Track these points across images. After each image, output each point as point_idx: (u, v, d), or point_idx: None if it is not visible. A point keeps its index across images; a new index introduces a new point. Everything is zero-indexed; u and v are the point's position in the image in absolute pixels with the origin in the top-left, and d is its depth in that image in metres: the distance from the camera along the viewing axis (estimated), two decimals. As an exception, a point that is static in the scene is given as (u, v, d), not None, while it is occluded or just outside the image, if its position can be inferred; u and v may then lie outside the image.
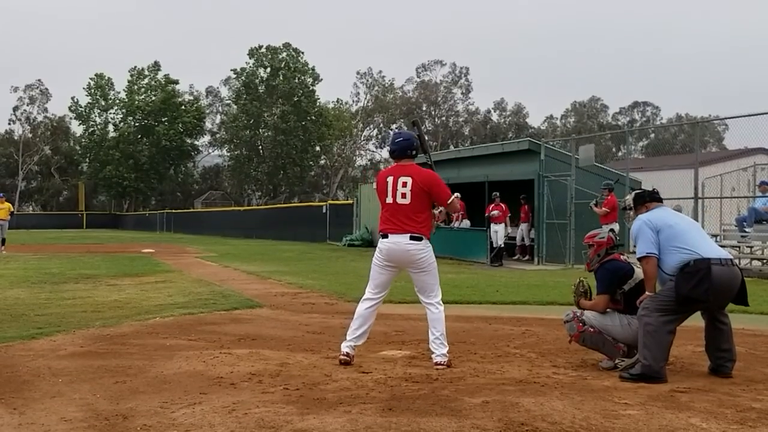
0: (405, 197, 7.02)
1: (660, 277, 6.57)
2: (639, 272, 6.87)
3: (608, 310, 6.95)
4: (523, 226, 24.45)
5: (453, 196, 7.16)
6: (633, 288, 6.87)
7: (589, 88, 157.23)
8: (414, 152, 7.29)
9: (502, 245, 22.55)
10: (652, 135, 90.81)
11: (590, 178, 20.98)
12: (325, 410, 5.35)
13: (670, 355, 6.64)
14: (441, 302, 7.17)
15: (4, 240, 27.46)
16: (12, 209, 28.55)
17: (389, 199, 7.12)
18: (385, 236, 7.17)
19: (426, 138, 8.29)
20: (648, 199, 7.00)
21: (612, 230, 7.38)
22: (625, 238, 11.42)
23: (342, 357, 7.05)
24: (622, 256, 7.28)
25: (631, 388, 6.11)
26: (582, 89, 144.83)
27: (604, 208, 18.31)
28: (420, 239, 7.03)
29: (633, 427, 4.94)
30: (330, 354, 7.48)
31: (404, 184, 7.04)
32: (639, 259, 6.62)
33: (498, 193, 22.87)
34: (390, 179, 7.14)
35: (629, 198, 7.20)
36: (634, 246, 6.80)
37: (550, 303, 12.26)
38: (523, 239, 24.47)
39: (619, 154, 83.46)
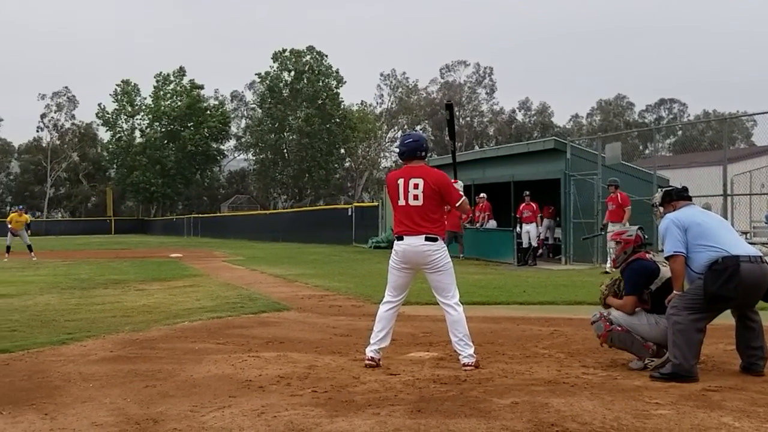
0: (417, 199, 7.01)
1: (688, 275, 6.51)
2: (665, 271, 6.84)
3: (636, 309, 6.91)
4: (546, 223, 24.35)
5: (462, 199, 7.15)
6: (660, 287, 6.82)
7: (614, 85, 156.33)
8: (423, 153, 7.26)
9: (535, 245, 22.46)
10: (680, 132, 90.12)
11: (617, 177, 20.81)
12: (354, 412, 5.35)
13: (700, 353, 6.58)
14: (459, 303, 7.13)
15: (30, 246, 27.92)
16: (29, 220, 29.25)
17: (401, 201, 7.11)
18: (400, 238, 7.17)
19: (455, 124, 8.24)
20: (676, 197, 6.95)
21: (641, 228, 7.30)
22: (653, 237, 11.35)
23: (368, 362, 7.05)
24: (647, 255, 7.21)
25: (662, 387, 6.06)
26: (607, 87, 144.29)
27: (611, 204, 18.37)
28: (435, 240, 7.01)
29: (665, 427, 4.90)
30: (358, 356, 7.48)
31: (416, 186, 7.02)
32: (667, 258, 6.57)
33: (529, 192, 22.77)
34: (401, 181, 7.12)
35: (657, 196, 7.16)
36: (663, 245, 6.74)
37: (578, 303, 12.18)
38: (541, 235, 24.33)
39: (646, 152, 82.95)
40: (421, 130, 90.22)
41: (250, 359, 7.44)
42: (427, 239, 6.98)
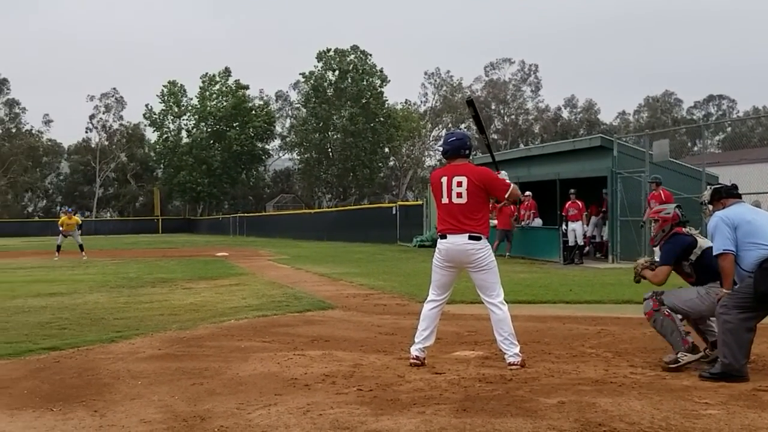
0: (461, 197, 6.97)
1: (738, 273, 6.41)
2: (702, 242, 6.90)
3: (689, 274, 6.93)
4: (593, 221, 24.14)
5: (511, 187, 7.08)
6: (700, 257, 6.85)
7: (662, 82, 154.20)
8: (467, 152, 7.23)
9: (582, 243, 22.27)
10: (729, 129, 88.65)
11: (665, 174, 20.54)
12: (399, 411, 5.35)
13: (750, 353, 6.47)
14: (504, 302, 7.10)
15: (81, 246, 28.40)
16: (80, 222, 29.67)
17: (445, 200, 7.08)
18: (443, 236, 7.14)
19: (482, 118, 8.17)
20: (725, 194, 6.86)
21: (679, 206, 7.26)
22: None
23: (413, 360, 7.04)
24: (683, 229, 7.16)
25: (711, 387, 5.98)
26: (655, 83, 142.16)
27: (653, 202, 18.12)
28: (479, 238, 6.97)
29: (714, 427, 4.83)
30: (402, 355, 7.48)
31: (459, 184, 6.98)
32: (716, 256, 6.48)
33: (574, 191, 22.58)
34: (444, 179, 7.09)
35: (706, 194, 7.06)
36: (712, 243, 6.65)
37: (625, 302, 12.04)
38: (587, 233, 24.16)
39: (695, 149, 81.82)
40: (465, 128, 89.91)
41: (295, 357, 7.47)
42: (470, 238, 6.95)
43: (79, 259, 26.64)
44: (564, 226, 22.68)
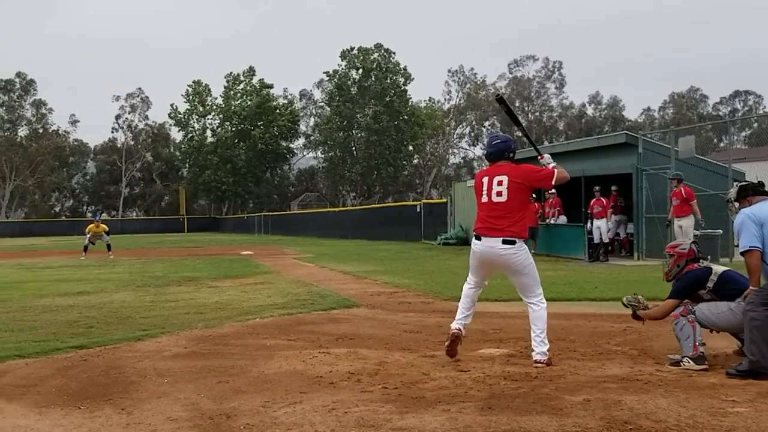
0: (501, 195, 6.95)
1: (765, 270, 6.36)
2: (717, 268, 6.94)
3: (709, 300, 6.87)
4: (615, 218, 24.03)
5: (556, 172, 7.05)
6: (718, 281, 6.86)
7: (687, 78, 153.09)
8: (511, 154, 7.20)
9: (606, 241, 22.15)
10: (755, 124, 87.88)
11: (691, 171, 20.38)
12: (424, 409, 5.34)
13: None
14: (543, 299, 7.08)
15: (109, 245, 28.66)
16: (107, 229, 29.88)
17: (484, 198, 7.07)
18: (478, 238, 7.11)
19: (513, 110, 8.15)
20: (751, 192, 6.81)
21: (695, 242, 7.29)
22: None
23: (454, 331, 7.12)
24: (696, 264, 7.16)
25: (738, 384, 5.93)
26: (680, 80, 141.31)
27: (675, 199, 17.96)
28: (513, 242, 6.93)
29: (741, 425, 4.79)
30: (427, 353, 7.49)
31: (500, 183, 6.97)
32: (742, 253, 6.43)
33: (599, 188, 22.46)
34: (485, 179, 7.10)
35: (733, 191, 7.02)
36: (737, 240, 6.61)
37: (651, 299, 11.92)
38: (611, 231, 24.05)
39: (721, 145, 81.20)
40: (489, 126, 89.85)
41: (320, 355, 7.48)
42: (504, 242, 6.91)
43: (106, 258, 26.88)
44: (589, 224, 22.56)
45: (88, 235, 29.03)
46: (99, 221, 30.48)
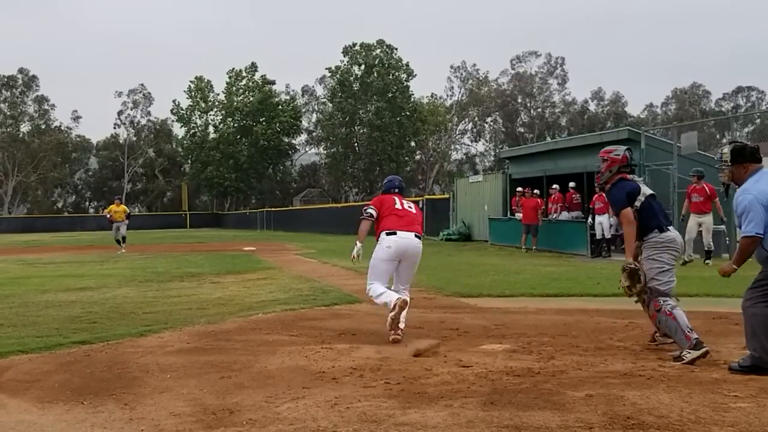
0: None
1: (759, 254, 6.27)
2: (645, 189, 7.24)
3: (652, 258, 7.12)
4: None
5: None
6: (643, 203, 7.18)
7: (690, 74, 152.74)
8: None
9: (609, 236, 22.13)
10: (758, 120, 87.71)
11: (693, 167, 20.36)
12: (427, 404, 5.35)
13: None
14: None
15: (124, 238, 28.68)
16: (128, 211, 29.41)
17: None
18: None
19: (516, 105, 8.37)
20: (749, 157, 6.57)
21: (629, 149, 7.44)
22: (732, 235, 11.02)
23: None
24: (628, 176, 7.44)
25: (741, 380, 5.93)
26: (682, 75, 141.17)
27: (696, 196, 17.80)
28: None
29: (744, 420, 4.79)
30: (430, 348, 7.49)
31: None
32: (743, 237, 6.32)
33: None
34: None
35: (726, 150, 6.70)
36: (739, 218, 6.44)
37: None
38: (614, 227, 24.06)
39: (723, 140, 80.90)
40: (491, 121, 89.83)
41: (323, 351, 7.50)
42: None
43: (116, 252, 26.88)
44: (591, 219, 22.56)
45: (108, 216, 28.65)
46: (119, 201, 29.88)
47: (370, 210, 9.02)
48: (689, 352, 6.62)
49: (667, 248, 7.14)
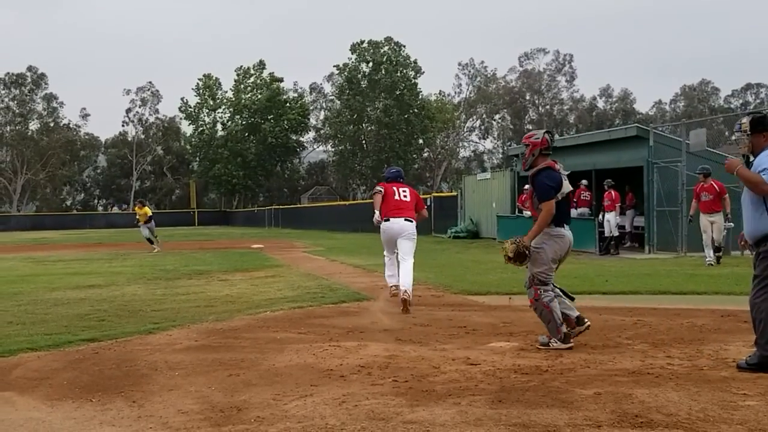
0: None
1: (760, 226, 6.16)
2: (566, 186, 7.48)
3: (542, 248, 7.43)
4: (629, 213, 24.04)
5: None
6: (564, 197, 7.51)
7: (698, 71, 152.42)
8: None
9: (616, 234, 22.09)
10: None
11: (702, 164, 20.31)
12: (435, 402, 5.35)
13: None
14: None
15: (151, 240, 28.49)
16: (149, 213, 28.84)
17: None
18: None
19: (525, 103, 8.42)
20: None
21: (548, 132, 7.53)
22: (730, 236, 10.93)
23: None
24: (556, 165, 7.56)
25: (750, 378, 5.90)
26: (691, 72, 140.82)
27: (705, 194, 17.59)
28: None
29: (753, 419, 4.77)
30: (438, 346, 7.49)
31: None
32: (761, 179, 6.04)
33: (610, 181, 22.37)
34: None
35: (745, 120, 6.43)
36: (759, 172, 6.08)
37: (662, 292, 11.94)
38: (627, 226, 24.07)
39: (732, 138, 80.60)
40: (499, 119, 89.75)
41: (331, 349, 7.50)
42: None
43: (150, 251, 26.98)
44: (600, 217, 22.53)
45: (137, 218, 28.62)
46: (140, 204, 29.76)
47: (379, 188, 11.33)
48: (556, 342, 7.26)
49: (556, 241, 7.58)
